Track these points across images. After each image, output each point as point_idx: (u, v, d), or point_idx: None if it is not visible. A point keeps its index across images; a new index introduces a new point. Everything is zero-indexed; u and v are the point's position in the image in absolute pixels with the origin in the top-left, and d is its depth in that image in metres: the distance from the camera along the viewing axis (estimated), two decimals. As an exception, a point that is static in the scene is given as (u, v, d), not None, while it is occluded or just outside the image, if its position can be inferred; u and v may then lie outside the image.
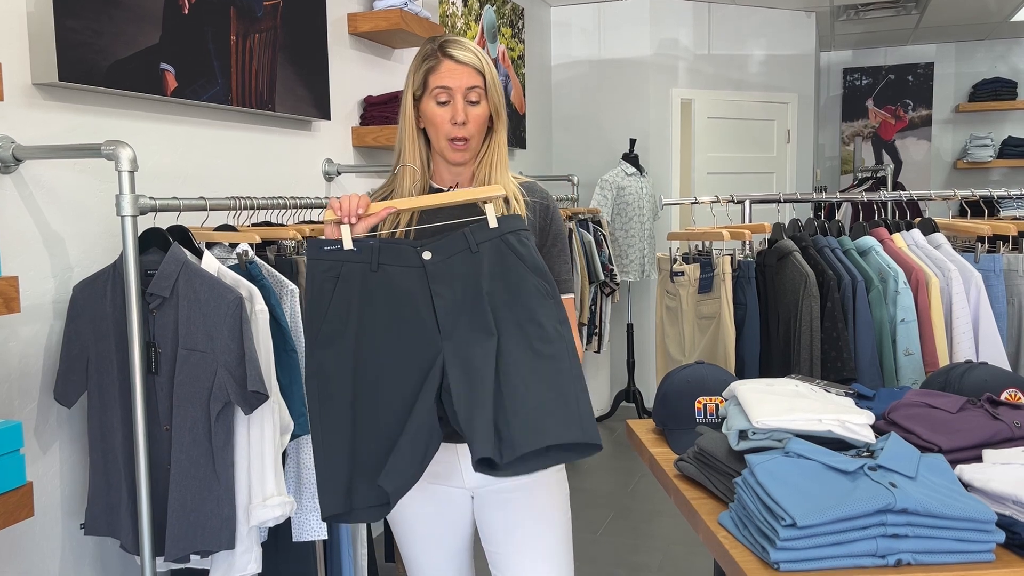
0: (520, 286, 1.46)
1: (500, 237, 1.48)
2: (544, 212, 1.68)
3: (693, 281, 2.67)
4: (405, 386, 1.44)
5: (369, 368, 1.45)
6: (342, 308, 1.45)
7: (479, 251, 1.47)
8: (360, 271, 1.46)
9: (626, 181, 5.22)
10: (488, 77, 1.61)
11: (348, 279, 1.45)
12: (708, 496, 1.54)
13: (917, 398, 1.64)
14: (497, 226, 1.49)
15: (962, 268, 2.43)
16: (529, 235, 1.50)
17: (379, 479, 1.42)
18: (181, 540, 1.87)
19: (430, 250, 1.47)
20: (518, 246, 1.48)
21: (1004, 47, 6.90)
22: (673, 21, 5.59)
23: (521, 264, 1.47)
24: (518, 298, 1.46)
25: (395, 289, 1.46)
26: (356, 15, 3.27)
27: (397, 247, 1.47)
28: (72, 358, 1.95)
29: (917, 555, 1.20)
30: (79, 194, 2.08)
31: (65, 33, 1.95)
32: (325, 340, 1.44)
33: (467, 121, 1.59)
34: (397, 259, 1.47)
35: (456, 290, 1.46)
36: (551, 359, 1.43)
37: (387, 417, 1.44)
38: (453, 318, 1.45)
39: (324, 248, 1.46)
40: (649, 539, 3.65)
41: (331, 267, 1.46)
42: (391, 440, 1.43)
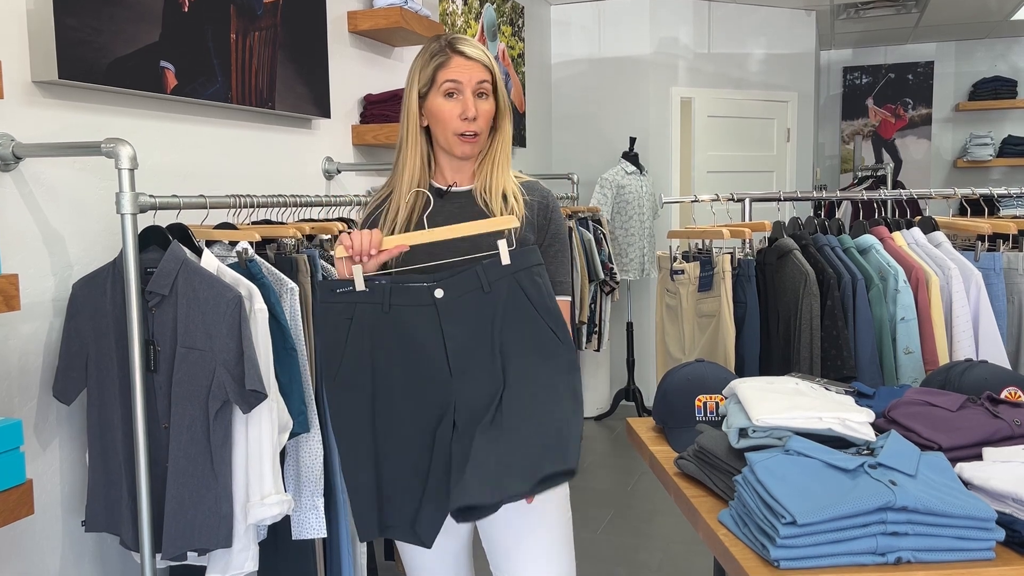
0: (530, 332, 1.48)
1: (513, 275, 1.49)
2: (543, 211, 1.67)
3: (693, 279, 2.67)
4: (422, 422, 1.50)
5: (386, 408, 1.51)
6: (357, 350, 1.49)
7: (491, 291, 1.48)
8: (372, 312, 1.49)
9: (626, 180, 5.21)
10: (496, 74, 1.63)
11: (361, 321, 1.49)
12: (708, 494, 1.54)
13: (917, 396, 1.64)
14: (510, 263, 1.49)
15: (962, 266, 2.43)
16: (543, 270, 1.51)
17: (417, 530, 1.50)
18: (178, 538, 1.87)
19: (442, 288, 1.48)
20: (530, 287, 1.48)
21: (1004, 46, 6.90)
22: (673, 19, 5.59)
23: (532, 308, 1.48)
24: (527, 346, 1.47)
25: (407, 330, 1.49)
26: (356, 13, 3.27)
27: (408, 286, 1.49)
28: (71, 355, 1.95)
29: (917, 553, 1.20)
30: (79, 192, 2.08)
31: (65, 31, 1.95)
32: (343, 382, 1.50)
33: (477, 116, 1.59)
34: (408, 298, 1.49)
35: (467, 331, 1.48)
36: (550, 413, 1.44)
37: (408, 452, 1.51)
38: (463, 360, 1.48)
39: (337, 291, 1.49)
40: (649, 537, 3.65)
41: (344, 309, 1.49)
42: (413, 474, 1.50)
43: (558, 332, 1.48)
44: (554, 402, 1.46)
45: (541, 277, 1.49)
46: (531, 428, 1.44)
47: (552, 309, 1.48)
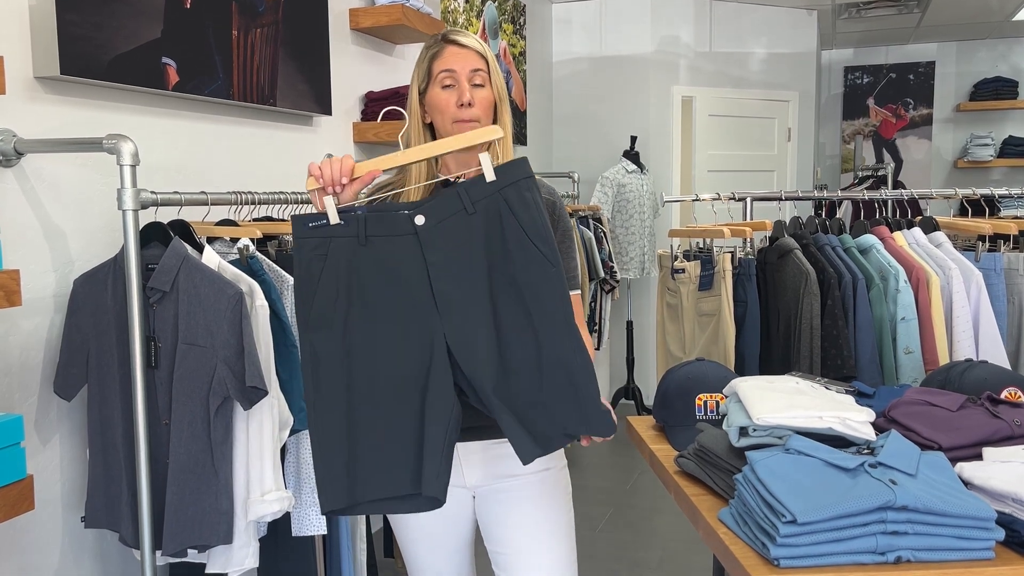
0: (520, 255, 1.37)
1: (499, 192, 1.37)
2: (551, 207, 1.65)
3: (694, 278, 2.67)
4: (404, 368, 1.37)
5: (364, 351, 1.37)
6: (331, 288, 1.37)
7: (475, 211, 1.37)
8: (348, 246, 1.37)
9: (627, 178, 5.21)
10: (491, 63, 1.62)
11: (336, 256, 1.36)
12: (708, 493, 1.54)
13: (917, 396, 1.64)
14: (495, 179, 1.36)
15: (963, 267, 2.43)
16: (532, 183, 1.39)
17: (424, 493, 1.35)
18: (179, 534, 1.87)
19: (423, 213, 1.36)
20: (518, 204, 1.36)
21: (1005, 46, 6.89)
22: (674, 18, 5.59)
23: (521, 230, 1.36)
24: (517, 269, 1.37)
25: (387, 263, 1.37)
26: (358, 10, 3.26)
27: (387, 215, 1.37)
28: (72, 351, 1.95)
29: (917, 552, 1.20)
30: (80, 188, 2.08)
31: (67, 27, 1.95)
32: (316, 323, 1.36)
33: (473, 103, 1.58)
34: (388, 228, 1.37)
35: (452, 259, 1.37)
36: (553, 343, 1.37)
37: (387, 402, 1.37)
38: (450, 291, 1.37)
39: (309, 225, 1.37)
40: (648, 535, 3.65)
41: (318, 245, 1.37)
42: (396, 428, 1.37)
43: (546, 253, 1.37)
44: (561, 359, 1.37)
45: (530, 191, 1.37)
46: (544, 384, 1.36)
47: (541, 228, 1.37)
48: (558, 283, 1.38)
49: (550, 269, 1.37)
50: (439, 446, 1.35)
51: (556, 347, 1.37)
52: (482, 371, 1.35)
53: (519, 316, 1.37)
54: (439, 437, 1.35)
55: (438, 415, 1.36)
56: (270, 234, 2.23)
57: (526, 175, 1.38)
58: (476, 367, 1.36)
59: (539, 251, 1.37)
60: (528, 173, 1.38)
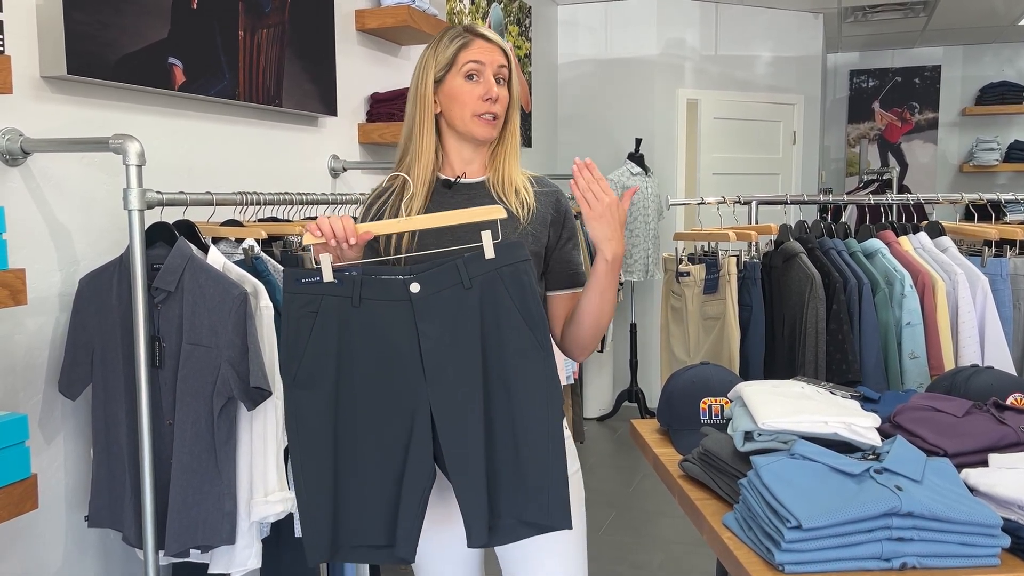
0: (512, 336, 1.38)
1: (496, 271, 1.37)
2: (557, 206, 1.62)
3: (699, 282, 2.66)
4: (387, 432, 1.39)
5: (349, 411, 1.39)
6: (320, 347, 1.37)
7: (472, 287, 1.37)
8: (340, 306, 1.36)
9: (631, 181, 5.21)
10: (513, 62, 1.61)
11: (327, 315, 1.36)
12: (713, 497, 1.54)
13: (923, 401, 1.64)
14: (494, 257, 1.37)
15: (968, 272, 2.42)
16: (529, 267, 1.39)
17: (396, 551, 1.39)
18: (182, 534, 1.87)
19: (419, 282, 1.36)
20: (513, 285, 1.37)
21: (1012, 51, 6.88)
22: (680, 21, 5.58)
23: (515, 311, 1.37)
24: (507, 352, 1.38)
25: (378, 327, 1.37)
26: (364, 11, 3.27)
27: (382, 279, 1.37)
28: (77, 351, 1.95)
29: (922, 559, 1.20)
30: (86, 187, 2.09)
31: (73, 26, 1.95)
32: (303, 381, 1.37)
33: (498, 98, 1.56)
34: (382, 293, 1.37)
35: (445, 331, 1.37)
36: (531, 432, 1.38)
37: (368, 462, 1.39)
38: (439, 362, 1.37)
39: (301, 281, 1.37)
40: (651, 539, 3.65)
41: (309, 301, 1.36)
42: (375, 485, 1.39)
43: (539, 338, 1.38)
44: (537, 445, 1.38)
45: (527, 275, 1.38)
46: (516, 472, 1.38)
47: (535, 313, 1.38)
48: (546, 370, 1.38)
49: (540, 354, 1.38)
50: (413, 511, 1.39)
51: (534, 437, 1.38)
52: (459, 447, 1.37)
53: (503, 399, 1.38)
54: (413, 503, 1.39)
55: (414, 481, 1.39)
56: (275, 235, 2.23)
57: (524, 258, 1.39)
58: (454, 441, 1.37)
59: (532, 336, 1.38)
60: (525, 257, 1.39)
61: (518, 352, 1.38)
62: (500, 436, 1.39)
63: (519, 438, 1.38)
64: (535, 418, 1.38)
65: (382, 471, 1.40)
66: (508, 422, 1.38)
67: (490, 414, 1.38)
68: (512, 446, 1.38)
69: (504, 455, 1.39)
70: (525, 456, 1.38)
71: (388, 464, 1.39)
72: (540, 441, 1.38)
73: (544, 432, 1.38)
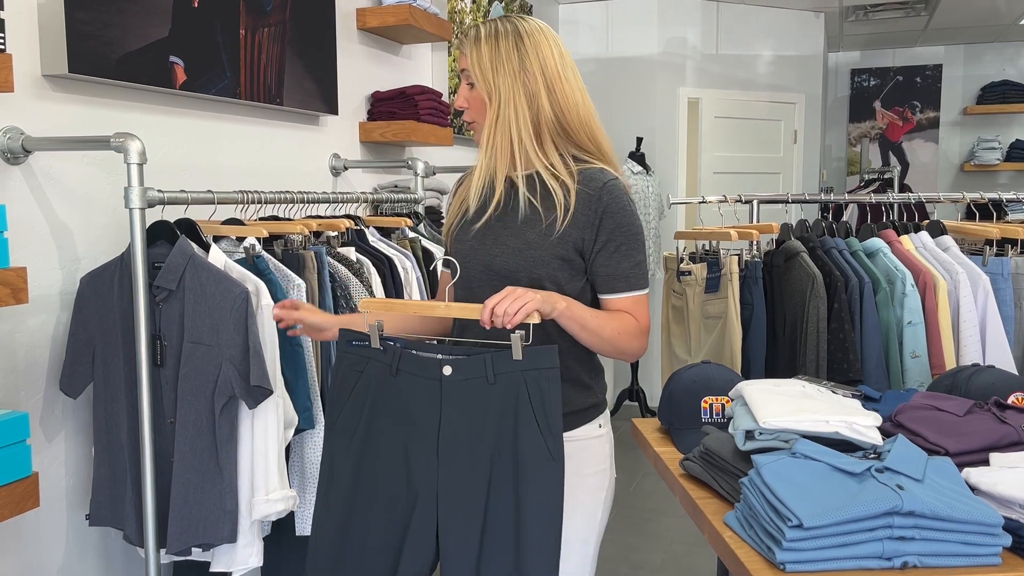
0: (527, 439, 1.40)
1: (521, 372, 1.40)
2: (593, 205, 1.52)
3: (700, 281, 2.66)
4: (400, 499, 1.46)
5: (369, 468, 1.48)
6: (359, 403, 1.48)
7: (496, 383, 1.41)
8: (381, 372, 1.47)
9: (632, 180, 5.21)
10: (472, 62, 1.54)
11: (370, 376, 1.48)
12: (714, 496, 1.54)
13: (924, 401, 1.64)
14: (521, 359, 1.40)
15: (970, 271, 2.42)
16: (555, 374, 1.40)
17: None
18: (183, 533, 1.88)
19: (451, 366, 1.43)
20: (535, 391, 1.40)
21: (1013, 50, 6.87)
22: (681, 20, 5.58)
23: (533, 417, 1.40)
24: (519, 453, 1.40)
25: (408, 399, 1.46)
26: (365, 10, 3.27)
27: (419, 355, 1.45)
28: (78, 349, 1.95)
29: (923, 558, 1.20)
30: (87, 186, 2.09)
31: (75, 25, 1.95)
32: (339, 431, 1.50)
33: (463, 106, 1.60)
34: (417, 368, 1.45)
35: (464, 418, 1.43)
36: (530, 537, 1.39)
37: (378, 514, 1.47)
38: (455, 446, 1.43)
39: (352, 343, 1.50)
40: (652, 538, 3.65)
41: (357, 362, 1.49)
42: (381, 547, 1.47)
43: (551, 447, 1.39)
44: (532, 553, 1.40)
45: (550, 382, 1.40)
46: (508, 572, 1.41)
47: (552, 421, 1.40)
48: (554, 477, 1.40)
49: (550, 463, 1.39)
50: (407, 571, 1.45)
51: (532, 542, 1.39)
52: (455, 530, 1.42)
53: (508, 495, 1.41)
54: (412, 567, 1.45)
55: (415, 553, 1.45)
56: (276, 233, 2.23)
57: (551, 365, 1.40)
58: (452, 524, 1.43)
59: (545, 444, 1.40)
60: (554, 364, 1.40)
61: (529, 456, 1.40)
62: (497, 533, 1.41)
63: (519, 547, 1.40)
64: (535, 525, 1.39)
65: (386, 533, 1.47)
66: (510, 521, 1.40)
67: (492, 509, 1.41)
68: (511, 552, 1.40)
69: (498, 552, 1.41)
70: (520, 563, 1.39)
71: (393, 529, 1.46)
72: (536, 548, 1.39)
73: (541, 541, 1.39)
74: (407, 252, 2.61)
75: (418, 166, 3.17)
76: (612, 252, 1.53)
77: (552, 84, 1.53)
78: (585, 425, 1.59)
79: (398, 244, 2.66)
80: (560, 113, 1.54)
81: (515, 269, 1.53)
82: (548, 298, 1.43)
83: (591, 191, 1.53)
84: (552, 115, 1.54)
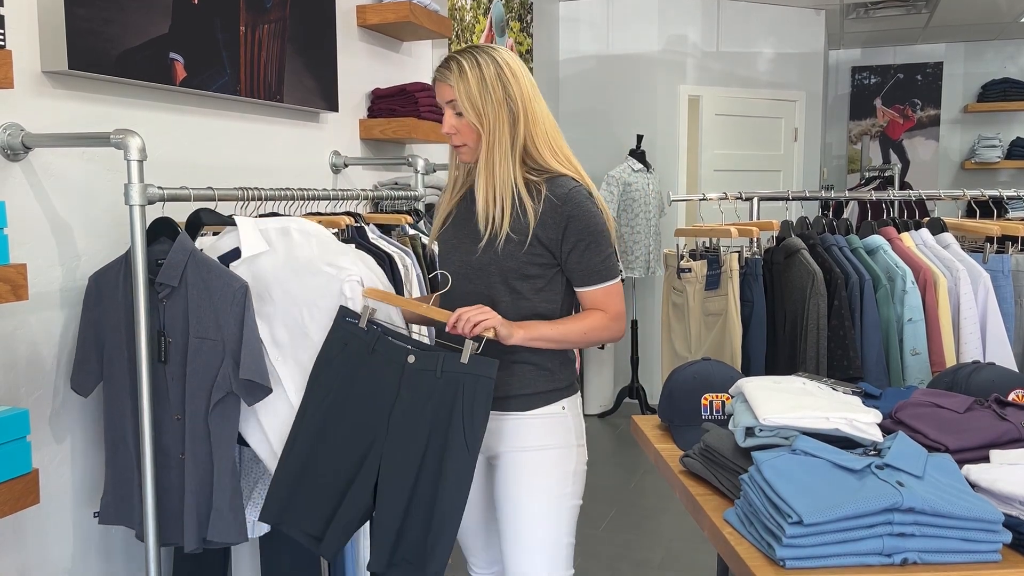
0: (454, 431, 1.66)
1: (463, 374, 1.66)
2: (557, 210, 1.71)
3: (700, 278, 2.66)
4: (351, 455, 1.74)
5: (333, 422, 1.76)
6: (337, 369, 1.76)
7: (441, 377, 1.67)
8: (360, 347, 1.76)
9: (632, 177, 5.21)
10: (460, 93, 1.72)
11: (351, 348, 1.76)
12: (714, 492, 1.54)
13: (924, 398, 1.64)
14: (466, 364, 1.65)
15: (970, 268, 2.42)
16: (491, 384, 1.64)
17: (321, 546, 1.75)
18: (200, 528, 1.88)
19: (414, 355, 1.71)
20: (469, 394, 1.65)
21: (1014, 47, 6.87)
22: (682, 17, 5.58)
23: (461, 414, 1.65)
24: (448, 440, 1.66)
25: (376, 375, 1.73)
26: (365, 7, 3.26)
27: (392, 342, 1.74)
28: (87, 348, 1.96)
29: (923, 554, 1.20)
30: (88, 183, 2.09)
31: (75, 21, 1.95)
32: (319, 386, 1.77)
33: (452, 131, 1.76)
34: (388, 352, 1.73)
35: (413, 400, 1.69)
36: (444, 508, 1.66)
37: (333, 461, 1.75)
38: (399, 423, 1.70)
39: (346, 319, 1.78)
40: (652, 535, 3.65)
41: (344, 335, 1.77)
42: (327, 488, 1.74)
43: (470, 444, 1.65)
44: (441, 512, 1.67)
45: (484, 388, 1.64)
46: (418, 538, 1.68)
47: (476, 418, 1.65)
48: (466, 464, 1.66)
49: (465, 456, 1.66)
50: (345, 523, 1.73)
51: (443, 506, 1.67)
52: (389, 492, 1.70)
53: (434, 470, 1.68)
54: (348, 517, 1.74)
55: (353, 503, 1.73)
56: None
57: (489, 375, 1.65)
58: (388, 486, 1.70)
59: (464, 440, 1.65)
60: (491, 375, 1.65)
61: (452, 443, 1.66)
62: (420, 496, 1.68)
63: (434, 504, 1.67)
64: (448, 494, 1.66)
65: (336, 483, 1.75)
66: (430, 489, 1.68)
67: (421, 477, 1.68)
68: (429, 509, 1.68)
69: (418, 508, 1.68)
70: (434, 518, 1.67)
71: (342, 480, 1.74)
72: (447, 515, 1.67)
73: (451, 507, 1.66)
74: (407, 249, 2.61)
75: (418, 163, 3.17)
76: (583, 251, 1.74)
77: (527, 107, 1.75)
78: (548, 405, 1.79)
79: (398, 241, 2.66)
80: (534, 131, 1.76)
81: (488, 263, 1.75)
82: (507, 325, 1.67)
83: (556, 198, 1.72)
84: (528, 133, 1.76)
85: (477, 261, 1.76)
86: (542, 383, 1.78)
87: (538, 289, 1.76)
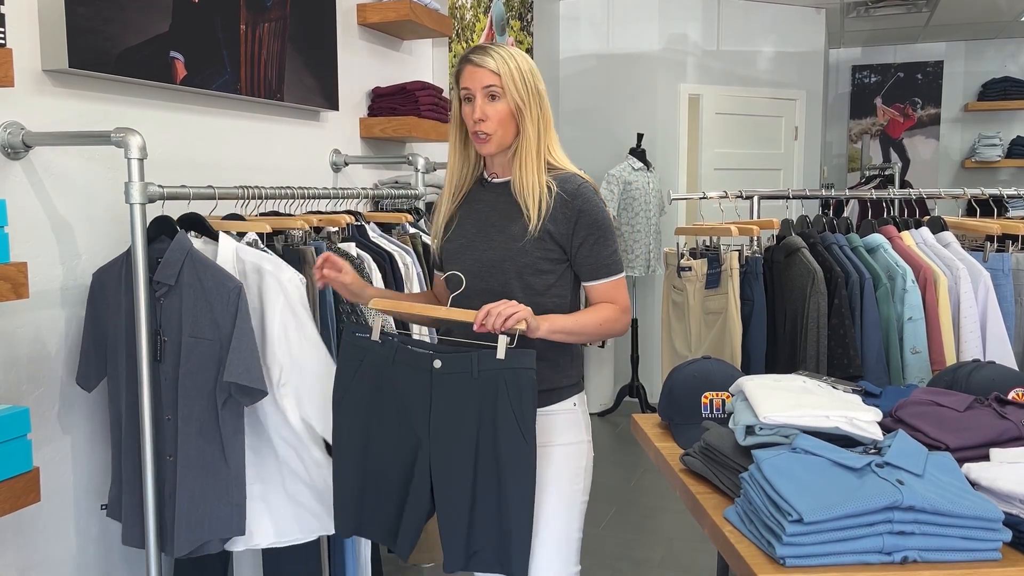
0: (504, 427, 1.62)
1: (502, 371, 1.62)
2: (568, 206, 1.74)
3: (700, 276, 2.66)
4: (396, 458, 1.73)
5: (375, 441, 1.74)
6: (361, 387, 1.73)
7: (479, 378, 1.63)
8: (379, 361, 1.72)
9: (633, 176, 5.21)
10: (505, 75, 1.73)
11: (368, 365, 1.73)
12: (714, 491, 1.54)
13: (924, 396, 1.64)
14: (503, 359, 1.61)
15: (970, 267, 2.42)
16: (532, 375, 1.61)
17: (395, 547, 1.74)
18: (193, 532, 1.87)
19: (441, 359, 1.66)
20: (513, 386, 1.61)
21: (1014, 46, 6.86)
22: (682, 16, 5.57)
23: (510, 409, 1.61)
24: (499, 439, 1.63)
25: (403, 385, 1.70)
26: (365, 6, 3.26)
27: (413, 350, 1.69)
28: (90, 344, 1.97)
29: (923, 553, 1.20)
30: (88, 181, 2.09)
31: (75, 20, 1.95)
32: (344, 409, 1.75)
33: (484, 118, 1.73)
34: (411, 360, 1.69)
35: (451, 405, 1.66)
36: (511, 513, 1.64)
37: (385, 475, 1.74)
38: (442, 426, 1.67)
39: (356, 334, 1.74)
40: (652, 533, 3.65)
41: (357, 352, 1.74)
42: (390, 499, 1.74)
43: (525, 434, 1.62)
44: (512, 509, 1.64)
45: (527, 380, 1.61)
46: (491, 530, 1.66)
47: (526, 410, 1.62)
48: (527, 453, 1.62)
49: (523, 444, 1.62)
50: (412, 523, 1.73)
51: (513, 500, 1.63)
52: (447, 495, 1.68)
53: (491, 466, 1.65)
54: (413, 515, 1.73)
55: (416, 503, 1.71)
56: (277, 229, 2.23)
57: (529, 366, 1.61)
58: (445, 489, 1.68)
59: (520, 432, 1.62)
60: (531, 365, 1.61)
61: (506, 438, 1.62)
62: (485, 494, 1.65)
63: (501, 498, 1.65)
64: (515, 484, 1.63)
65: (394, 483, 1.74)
66: (494, 483, 1.64)
67: (480, 474, 1.65)
68: (495, 523, 1.66)
69: (487, 505, 1.66)
70: (504, 513, 1.65)
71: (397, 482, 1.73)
72: (518, 506, 1.64)
73: (520, 514, 1.64)
74: (408, 248, 2.61)
75: (419, 162, 3.17)
76: (592, 245, 1.76)
77: (543, 105, 1.79)
78: (561, 402, 1.80)
79: (399, 240, 2.66)
80: (547, 128, 1.81)
81: (501, 259, 1.75)
82: (535, 318, 1.65)
83: (567, 194, 1.76)
84: (544, 130, 1.80)
85: (491, 258, 1.76)
86: (555, 379, 1.79)
87: (549, 285, 1.77)
